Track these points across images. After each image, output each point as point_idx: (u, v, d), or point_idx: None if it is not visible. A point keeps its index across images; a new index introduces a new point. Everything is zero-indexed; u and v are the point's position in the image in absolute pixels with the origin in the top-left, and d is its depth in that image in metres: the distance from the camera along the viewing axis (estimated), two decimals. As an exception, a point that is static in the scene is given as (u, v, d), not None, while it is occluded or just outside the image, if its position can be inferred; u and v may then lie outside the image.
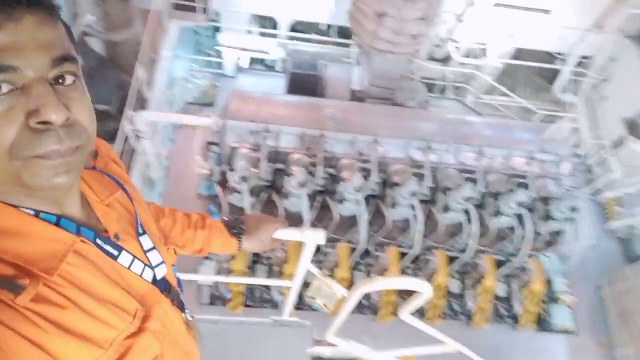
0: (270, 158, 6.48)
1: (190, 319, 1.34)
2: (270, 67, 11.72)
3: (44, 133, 0.80)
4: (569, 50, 10.87)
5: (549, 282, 8.35)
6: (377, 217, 6.89)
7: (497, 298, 8.16)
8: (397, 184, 6.60)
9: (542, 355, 8.11)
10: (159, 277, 1.15)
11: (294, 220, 6.57)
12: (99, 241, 1.00)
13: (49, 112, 0.79)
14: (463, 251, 7.13)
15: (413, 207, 6.58)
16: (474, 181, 6.78)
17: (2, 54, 0.76)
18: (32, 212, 0.90)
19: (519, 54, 11.23)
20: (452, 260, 7.43)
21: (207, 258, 6.79)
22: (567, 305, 8.39)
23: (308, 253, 1.77)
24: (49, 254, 0.89)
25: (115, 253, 1.04)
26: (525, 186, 6.94)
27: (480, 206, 7.10)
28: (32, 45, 0.78)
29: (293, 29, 10.80)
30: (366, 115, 7.37)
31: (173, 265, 1.31)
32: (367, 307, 7.38)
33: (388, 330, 6.98)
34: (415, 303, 1.98)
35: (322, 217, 6.76)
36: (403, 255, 7.15)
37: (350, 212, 6.72)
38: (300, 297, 7.18)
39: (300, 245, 1.78)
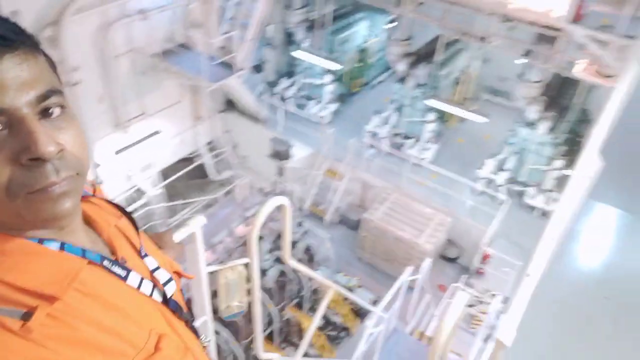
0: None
1: (206, 344, 1.28)
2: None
3: (37, 168, 0.81)
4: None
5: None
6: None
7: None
8: None
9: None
10: (169, 295, 1.13)
11: None
12: (105, 263, 0.98)
13: (38, 147, 0.79)
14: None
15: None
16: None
17: None
18: (36, 241, 0.89)
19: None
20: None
21: None
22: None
23: (200, 244, 1.83)
24: (55, 278, 0.87)
25: (123, 274, 1.02)
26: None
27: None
28: (14, 84, 0.79)
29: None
30: None
31: (181, 289, 1.29)
32: None
33: None
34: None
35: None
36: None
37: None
38: None
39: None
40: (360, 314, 10.01)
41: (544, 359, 9.32)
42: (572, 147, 11.28)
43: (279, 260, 8.91)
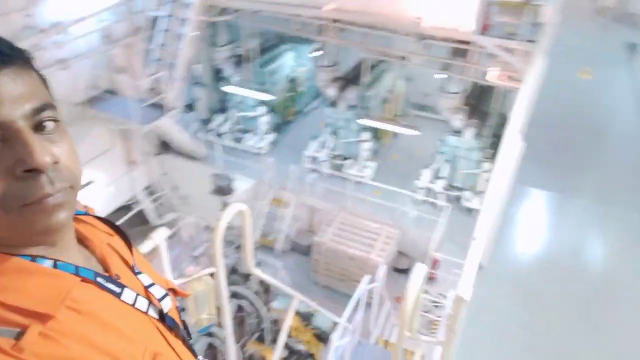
0: None
1: None
2: None
3: (32, 180, 0.81)
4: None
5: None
6: None
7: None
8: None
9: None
10: (165, 311, 1.11)
11: None
12: (99, 279, 0.97)
13: (34, 158, 0.80)
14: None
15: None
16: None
17: None
18: (29, 259, 0.88)
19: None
20: None
21: None
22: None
23: (165, 256, 1.81)
24: (48, 296, 0.86)
25: (118, 290, 1.00)
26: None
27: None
28: (9, 98, 0.80)
29: None
30: None
31: (177, 307, 1.26)
32: None
33: None
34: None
35: None
36: None
37: None
38: None
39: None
40: (322, 338, 9.91)
41: (500, 327, 9.88)
42: (497, 150, 12.08)
43: (235, 295, 8.71)
